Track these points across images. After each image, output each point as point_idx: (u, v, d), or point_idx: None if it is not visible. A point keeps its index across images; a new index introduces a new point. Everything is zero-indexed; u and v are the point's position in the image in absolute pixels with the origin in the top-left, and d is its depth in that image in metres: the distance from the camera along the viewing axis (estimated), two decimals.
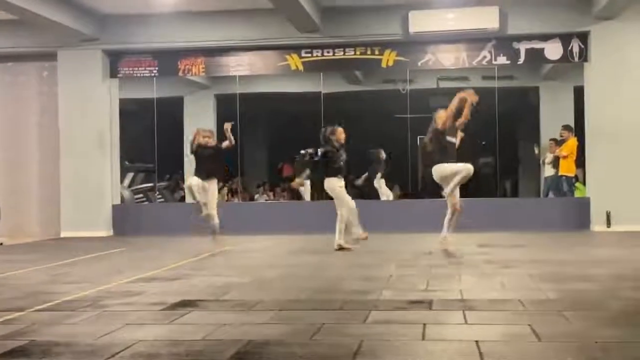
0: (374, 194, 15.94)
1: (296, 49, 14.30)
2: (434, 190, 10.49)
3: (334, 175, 10.28)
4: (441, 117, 9.74)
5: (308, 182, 16.73)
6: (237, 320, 5.23)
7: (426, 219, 13.17)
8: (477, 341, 4.35)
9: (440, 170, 9.68)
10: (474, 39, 13.79)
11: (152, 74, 14.87)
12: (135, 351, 4.32)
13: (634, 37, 13.16)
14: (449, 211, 9.76)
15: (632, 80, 13.18)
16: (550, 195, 15.15)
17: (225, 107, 17.05)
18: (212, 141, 11.14)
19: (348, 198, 10.34)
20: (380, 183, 16.16)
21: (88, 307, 5.86)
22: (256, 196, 19.35)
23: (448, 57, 14.11)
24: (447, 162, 9.63)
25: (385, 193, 16.09)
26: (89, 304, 6.04)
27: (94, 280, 7.52)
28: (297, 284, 7.18)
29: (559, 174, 14.60)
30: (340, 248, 10.10)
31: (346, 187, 10.59)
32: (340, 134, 10.51)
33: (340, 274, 7.86)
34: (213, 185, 10.95)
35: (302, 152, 10.86)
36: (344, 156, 10.42)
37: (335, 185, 10.26)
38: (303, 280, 7.49)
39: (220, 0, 13.54)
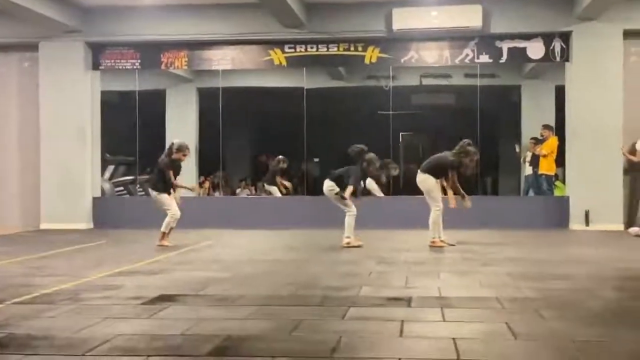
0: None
1: (280, 44, 14.28)
2: (415, 187, 10.58)
3: None
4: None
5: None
6: (216, 315, 5.24)
7: (407, 216, 13.29)
8: (454, 339, 4.39)
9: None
10: (457, 37, 13.84)
11: (135, 67, 14.79)
12: (113, 345, 4.32)
13: (615, 38, 13.25)
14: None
15: (612, 81, 13.27)
16: (530, 193, 15.27)
17: (208, 100, 17.03)
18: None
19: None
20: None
21: (67, 301, 5.84)
22: (238, 190, 19.35)
23: (431, 55, 14.14)
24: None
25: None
26: (68, 297, 6.02)
27: (73, 274, 7.50)
28: (277, 279, 7.19)
29: (539, 172, 14.71)
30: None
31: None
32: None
33: (321, 270, 7.88)
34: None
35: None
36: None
37: None
38: (284, 276, 7.50)
39: None
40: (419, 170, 10.41)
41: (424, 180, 10.25)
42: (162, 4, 13.88)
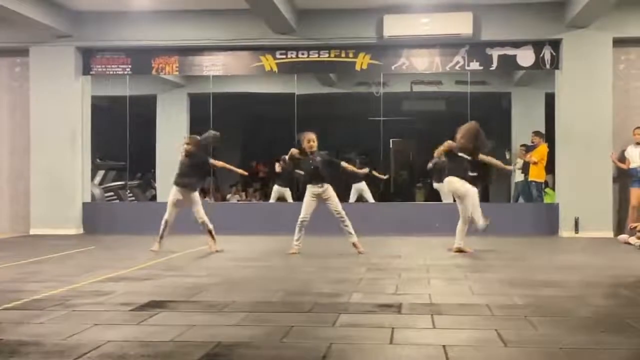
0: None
1: (271, 50, 14.30)
2: (408, 194, 10.60)
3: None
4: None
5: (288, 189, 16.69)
6: (207, 322, 5.23)
7: (398, 222, 13.32)
8: (444, 346, 4.40)
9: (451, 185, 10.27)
10: (448, 44, 13.89)
11: (125, 72, 14.79)
12: (103, 352, 4.31)
13: (605, 46, 13.32)
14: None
15: (602, 89, 13.34)
16: (520, 200, 15.32)
17: (199, 106, 17.01)
18: (192, 148, 10.76)
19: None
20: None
21: (57, 307, 5.83)
22: (228, 196, 19.34)
23: (422, 62, 14.18)
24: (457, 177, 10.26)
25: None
26: (58, 303, 6.00)
27: (63, 279, 7.47)
28: (268, 285, 7.18)
29: (529, 179, 14.76)
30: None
31: None
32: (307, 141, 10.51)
33: (311, 276, 7.88)
34: (195, 195, 10.70)
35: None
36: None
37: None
38: (274, 281, 7.50)
39: None
40: None
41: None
42: (153, 10, 13.88)
